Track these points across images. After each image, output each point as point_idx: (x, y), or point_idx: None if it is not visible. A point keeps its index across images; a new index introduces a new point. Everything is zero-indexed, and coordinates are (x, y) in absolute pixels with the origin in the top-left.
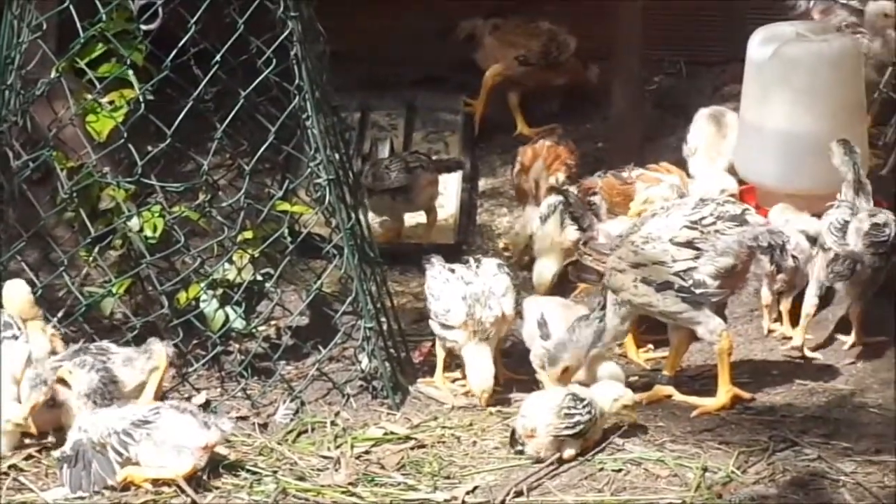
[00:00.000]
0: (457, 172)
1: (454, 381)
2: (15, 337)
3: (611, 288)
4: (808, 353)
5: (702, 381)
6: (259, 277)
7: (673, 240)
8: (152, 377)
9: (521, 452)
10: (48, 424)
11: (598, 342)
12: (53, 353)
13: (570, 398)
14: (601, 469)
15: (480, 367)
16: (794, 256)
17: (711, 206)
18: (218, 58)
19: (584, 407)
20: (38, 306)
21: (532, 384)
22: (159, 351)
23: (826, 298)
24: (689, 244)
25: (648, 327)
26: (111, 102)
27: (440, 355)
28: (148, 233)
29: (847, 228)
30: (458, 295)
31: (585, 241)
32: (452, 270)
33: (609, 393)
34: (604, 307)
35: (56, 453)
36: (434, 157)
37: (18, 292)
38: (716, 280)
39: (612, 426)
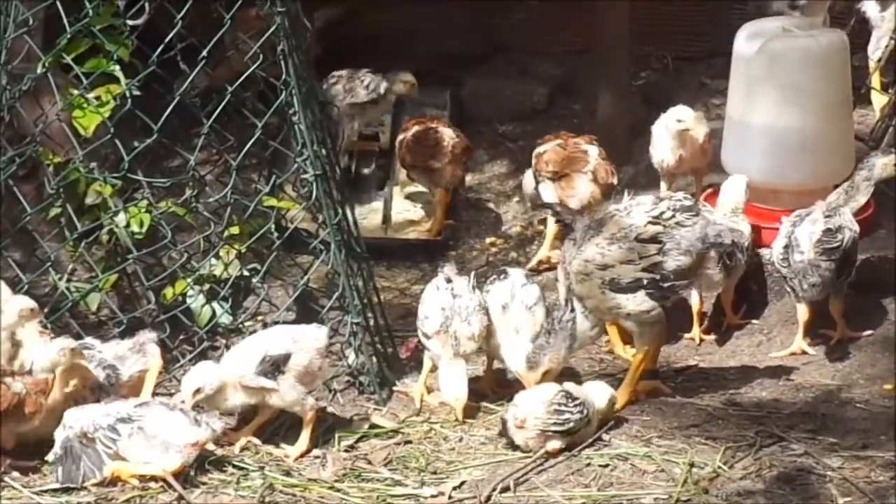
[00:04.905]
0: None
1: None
2: None
3: (577, 296)
4: (808, 350)
5: (685, 377)
6: (246, 273)
7: (639, 237)
8: (147, 377)
9: (511, 444)
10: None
11: (573, 345)
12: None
13: (562, 395)
14: (588, 464)
15: (454, 380)
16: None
17: (667, 201)
18: (205, 53)
19: (575, 406)
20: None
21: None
22: (153, 351)
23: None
24: (654, 239)
25: None
26: (97, 98)
27: (426, 366)
28: (134, 228)
29: (789, 253)
30: (438, 304)
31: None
32: (450, 280)
33: (604, 392)
34: (573, 309)
35: (49, 457)
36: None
37: None
38: (679, 274)
39: (600, 422)
